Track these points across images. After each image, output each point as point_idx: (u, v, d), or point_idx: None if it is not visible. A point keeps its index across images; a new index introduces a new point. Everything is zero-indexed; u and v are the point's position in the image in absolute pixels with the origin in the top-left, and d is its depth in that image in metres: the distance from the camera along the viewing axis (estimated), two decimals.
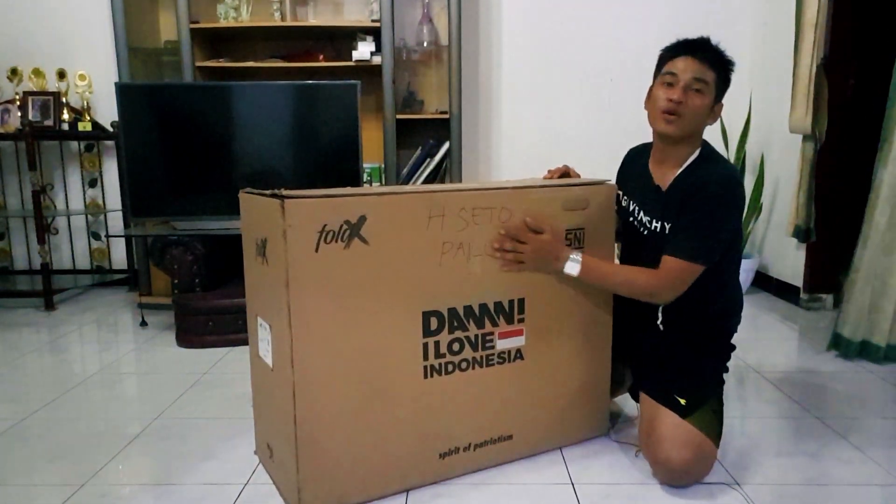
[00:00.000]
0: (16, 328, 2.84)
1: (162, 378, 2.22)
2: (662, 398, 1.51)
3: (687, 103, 1.48)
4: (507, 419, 1.57)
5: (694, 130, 1.53)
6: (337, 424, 1.34)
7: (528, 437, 1.61)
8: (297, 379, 1.28)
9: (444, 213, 1.39)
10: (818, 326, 2.80)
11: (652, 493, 1.46)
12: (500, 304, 1.51)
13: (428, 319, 1.42)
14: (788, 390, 2.06)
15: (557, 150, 3.50)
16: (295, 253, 1.24)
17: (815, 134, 2.81)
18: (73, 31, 3.40)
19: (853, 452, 1.65)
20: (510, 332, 1.53)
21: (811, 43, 2.73)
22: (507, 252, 1.47)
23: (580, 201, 1.55)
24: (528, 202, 1.48)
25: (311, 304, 1.28)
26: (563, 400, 1.64)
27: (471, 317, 1.47)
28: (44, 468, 1.59)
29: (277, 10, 3.19)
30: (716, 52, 1.51)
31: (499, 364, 1.53)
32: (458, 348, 1.47)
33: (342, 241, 1.28)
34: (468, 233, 1.43)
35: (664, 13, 3.45)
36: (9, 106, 3.26)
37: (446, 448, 1.50)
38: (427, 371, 1.44)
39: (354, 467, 1.39)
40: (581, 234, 1.56)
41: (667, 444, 1.44)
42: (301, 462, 1.31)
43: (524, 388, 1.58)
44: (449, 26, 3.13)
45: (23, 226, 3.57)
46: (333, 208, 1.27)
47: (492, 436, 1.55)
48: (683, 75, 1.48)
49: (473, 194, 1.43)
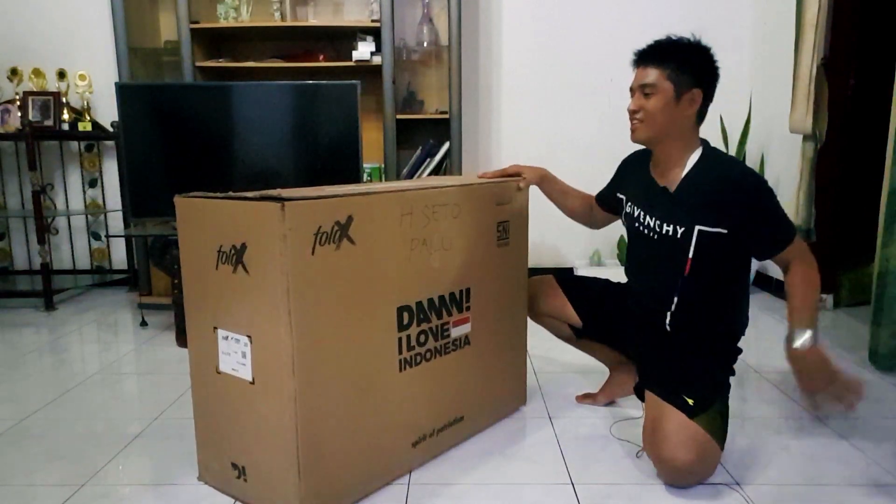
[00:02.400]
0: (16, 328, 2.84)
1: (162, 378, 2.22)
2: (670, 397, 1.50)
3: (641, 108, 1.55)
4: (460, 402, 1.67)
5: (666, 128, 1.55)
6: (333, 427, 1.34)
7: (476, 416, 1.73)
8: (298, 387, 1.25)
9: (412, 210, 1.45)
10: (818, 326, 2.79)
11: (653, 493, 1.46)
12: (453, 294, 1.61)
13: (401, 314, 1.47)
14: (789, 391, 2.06)
15: (557, 150, 3.51)
16: (294, 257, 1.21)
17: (815, 134, 2.81)
18: (73, 31, 3.40)
19: (853, 452, 1.65)
20: (461, 321, 1.64)
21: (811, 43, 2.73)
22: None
23: (505, 196, 1.72)
24: (472, 199, 1.61)
25: (308, 308, 1.26)
26: (499, 378, 1.80)
27: (433, 309, 1.55)
28: (44, 468, 1.59)
29: (277, 10, 3.19)
30: (660, 48, 1.55)
31: (453, 351, 1.63)
32: (424, 340, 1.54)
33: (334, 242, 1.28)
34: (429, 229, 1.50)
35: (664, 14, 3.45)
36: (9, 106, 3.25)
37: (416, 436, 1.55)
38: (401, 364, 1.49)
39: (349, 467, 1.39)
40: (507, 225, 1.73)
41: (672, 443, 1.44)
42: (303, 472, 1.28)
43: (471, 371, 1.69)
44: (449, 26, 3.13)
45: (23, 226, 3.57)
46: (326, 209, 1.26)
47: (448, 419, 1.64)
48: (634, 85, 1.58)
49: (435, 192, 1.51)
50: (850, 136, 2.92)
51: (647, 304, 1.66)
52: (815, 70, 2.73)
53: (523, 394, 1.92)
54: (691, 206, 1.53)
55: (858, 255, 2.99)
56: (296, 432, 1.27)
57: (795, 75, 2.84)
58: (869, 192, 2.59)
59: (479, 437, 1.74)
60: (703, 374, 1.57)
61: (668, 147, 1.57)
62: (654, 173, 1.63)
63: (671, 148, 1.57)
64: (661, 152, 1.59)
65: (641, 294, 1.70)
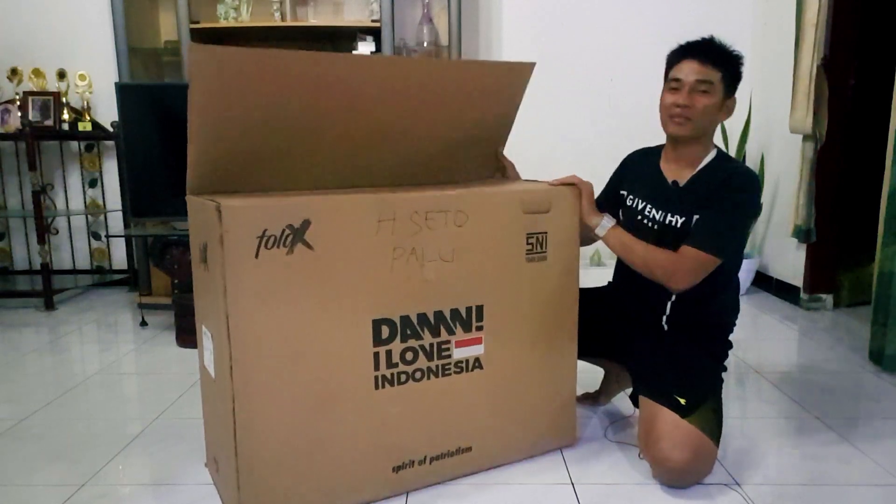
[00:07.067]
0: (16, 328, 2.84)
1: (162, 378, 2.22)
2: (662, 398, 1.50)
3: (694, 105, 1.51)
4: (467, 431, 1.51)
5: (706, 129, 1.56)
6: (281, 437, 1.29)
7: (489, 448, 1.55)
8: (236, 389, 1.23)
9: (394, 216, 1.33)
10: (818, 327, 2.80)
11: (652, 494, 1.46)
12: (457, 311, 1.44)
13: (378, 327, 1.36)
14: (788, 390, 2.07)
15: (557, 150, 3.51)
16: (233, 259, 1.19)
17: (815, 134, 2.81)
18: (73, 31, 3.40)
19: (853, 452, 1.65)
20: (468, 341, 1.47)
21: (811, 43, 2.73)
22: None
23: (541, 204, 1.50)
24: (485, 206, 1.44)
25: (251, 311, 1.22)
26: (526, 410, 1.57)
27: (425, 325, 1.41)
28: (44, 468, 1.59)
29: (277, 10, 3.19)
30: (719, 50, 1.54)
31: (456, 374, 1.47)
32: (412, 357, 1.41)
33: (284, 246, 1.23)
34: (421, 237, 1.37)
35: (664, 13, 3.45)
36: (9, 106, 3.25)
37: (400, 461, 1.44)
38: (378, 381, 1.38)
39: (301, 481, 1.33)
40: (543, 238, 1.51)
41: (667, 444, 1.44)
42: (241, 476, 1.26)
43: (484, 398, 1.51)
44: (449, 26, 3.13)
45: (23, 226, 3.57)
46: (273, 212, 1.22)
47: (449, 448, 1.49)
48: (687, 78, 1.52)
49: (426, 197, 1.37)
50: (850, 136, 2.92)
51: (646, 298, 1.65)
52: (815, 70, 2.73)
53: (571, 432, 1.67)
54: (694, 198, 1.55)
55: (858, 255, 2.99)
56: (234, 437, 1.25)
57: (795, 75, 2.85)
58: (869, 192, 2.59)
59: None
60: (693, 372, 1.57)
61: (693, 148, 1.57)
62: (665, 168, 1.63)
63: (694, 149, 1.58)
64: (684, 151, 1.59)
65: (640, 289, 1.68)
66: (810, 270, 3.04)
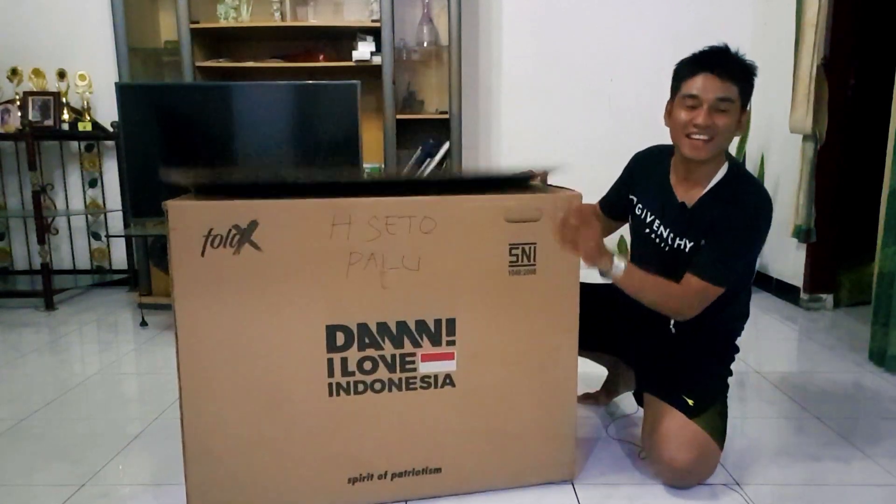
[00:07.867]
0: (16, 328, 2.84)
1: (162, 378, 2.22)
2: (670, 398, 1.49)
3: (714, 125, 1.40)
4: (435, 451, 1.42)
5: (723, 149, 1.48)
6: (228, 436, 1.31)
7: (461, 472, 1.44)
8: (183, 386, 1.27)
9: (350, 220, 1.28)
10: (818, 327, 2.80)
11: (652, 494, 1.46)
12: (424, 323, 1.36)
13: (333, 334, 1.32)
14: (789, 391, 2.06)
15: (557, 150, 3.51)
16: (179, 256, 1.23)
17: (815, 134, 2.81)
18: (73, 31, 3.40)
19: (853, 452, 1.65)
20: (436, 355, 1.37)
21: (811, 43, 2.73)
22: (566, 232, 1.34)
23: (530, 212, 1.35)
24: (456, 212, 1.33)
25: (197, 308, 1.25)
26: (509, 436, 1.44)
27: (386, 335, 1.35)
28: (44, 468, 1.59)
29: (277, 10, 3.19)
30: (737, 62, 1.42)
31: (423, 389, 1.38)
32: (371, 367, 1.35)
33: (231, 246, 1.24)
34: (381, 243, 1.30)
35: (664, 13, 3.45)
36: (9, 106, 3.25)
37: (356, 473, 1.39)
38: (333, 389, 1.34)
39: (249, 483, 1.34)
40: (531, 249, 1.36)
41: (672, 444, 1.43)
42: (189, 471, 1.30)
43: (455, 418, 1.40)
44: (449, 26, 3.13)
45: (23, 226, 3.57)
46: (219, 212, 1.23)
47: (414, 466, 1.41)
48: (706, 96, 1.39)
49: (387, 201, 1.30)
50: (850, 136, 2.92)
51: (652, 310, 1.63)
52: (815, 70, 2.73)
53: (568, 466, 1.51)
54: (703, 222, 1.48)
55: (858, 255, 2.99)
56: (182, 428, 1.28)
57: (795, 75, 2.85)
58: (869, 192, 2.59)
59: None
60: (702, 375, 1.57)
61: (705, 168, 1.49)
62: (675, 186, 1.55)
63: (706, 169, 1.49)
64: (695, 170, 1.50)
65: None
66: (810, 270, 3.04)
